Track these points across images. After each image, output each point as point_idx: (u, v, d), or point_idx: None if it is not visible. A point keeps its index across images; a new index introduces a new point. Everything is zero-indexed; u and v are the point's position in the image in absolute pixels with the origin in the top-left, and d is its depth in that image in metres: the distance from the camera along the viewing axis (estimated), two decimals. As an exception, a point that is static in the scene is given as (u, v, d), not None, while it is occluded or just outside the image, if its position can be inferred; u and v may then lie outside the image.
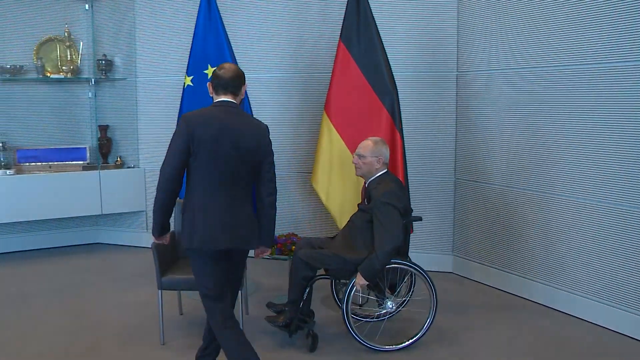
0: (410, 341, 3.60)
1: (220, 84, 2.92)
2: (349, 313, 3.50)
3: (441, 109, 4.93)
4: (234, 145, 2.79)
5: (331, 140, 4.31)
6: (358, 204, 3.76)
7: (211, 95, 2.99)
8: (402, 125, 4.16)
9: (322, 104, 4.37)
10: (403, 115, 4.22)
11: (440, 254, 5.09)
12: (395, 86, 4.16)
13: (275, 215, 3.02)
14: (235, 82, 2.92)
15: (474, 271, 4.88)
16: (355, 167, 3.66)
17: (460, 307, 4.30)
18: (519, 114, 4.39)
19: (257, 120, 3.03)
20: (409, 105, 4.81)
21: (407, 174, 4.17)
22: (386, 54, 4.18)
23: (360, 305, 3.97)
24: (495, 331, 3.89)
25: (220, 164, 2.79)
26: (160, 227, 2.90)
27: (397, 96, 4.15)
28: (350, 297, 3.49)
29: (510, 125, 4.46)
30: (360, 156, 3.61)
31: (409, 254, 3.79)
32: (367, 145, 3.62)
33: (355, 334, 3.51)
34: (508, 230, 4.56)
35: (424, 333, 3.63)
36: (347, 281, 3.54)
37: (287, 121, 5.30)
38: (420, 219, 3.78)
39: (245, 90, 4.25)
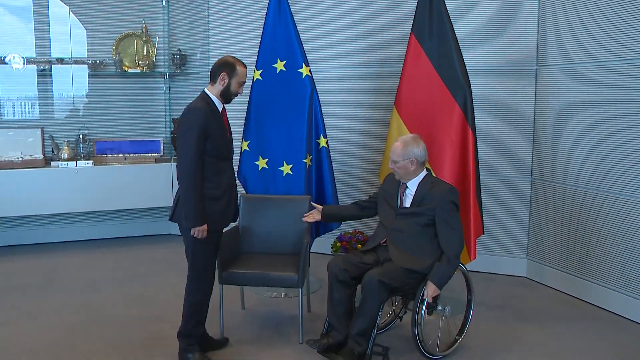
0: (455, 345, 3.50)
1: None
2: (423, 331, 3.25)
3: (518, 105, 4.69)
4: None
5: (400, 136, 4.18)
6: (398, 209, 3.39)
7: None
8: (474, 122, 3.97)
9: (393, 98, 4.25)
10: (476, 112, 4.04)
11: (513, 257, 4.85)
12: (469, 81, 3.96)
13: (182, 193, 3.10)
14: (212, 72, 3.26)
15: (549, 276, 4.62)
16: (393, 172, 3.41)
17: (530, 314, 4.09)
18: (603, 112, 4.10)
19: (193, 102, 3.19)
20: (483, 100, 4.63)
21: (479, 174, 3.98)
22: (459, 46, 4.00)
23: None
24: (566, 341, 3.67)
25: None
26: None
27: (470, 91, 3.95)
28: (422, 313, 3.23)
29: (593, 123, 4.18)
30: (393, 162, 3.34)
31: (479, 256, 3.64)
32: (396, 148, 3.32)
33: (426, 351, 3.32)
34: (585, 235, 4.29)
35: (465, 333, 3.56)
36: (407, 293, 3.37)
37: (358, 116, 5.22)
38: None
39: (315, 89, 4.24)
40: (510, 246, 4.86)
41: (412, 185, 3.36)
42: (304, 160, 4.25)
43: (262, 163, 4.41)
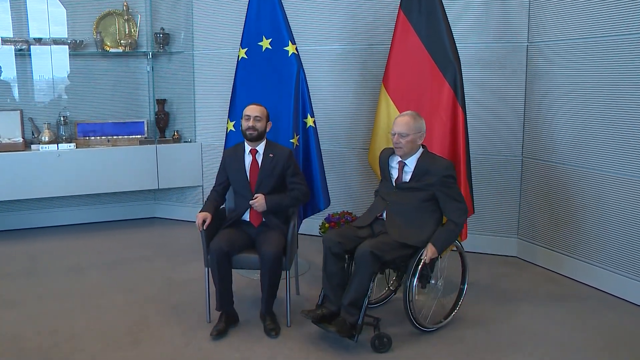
0: (449, 318, 3.54)
1: None
2: (414, 298, 3.27)
3: (509, 82, 4.61)
4: None
5: (389, 115, 4.10)
6: (399, 182, 3.40)
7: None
8: (464, 100, 3.89)
9: (382, 76, 4.15)
10: (466, 89, 3.96)
11: (503, 237, 4.81)
12: (459, 57, 3.88)
13: None
14: None
15: (540, 256, 4.59)
16: (396, 148, 3.35)
17: (520, 294, 4.06)
18: (594, 89, 4.03)
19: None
20: (473, 78, 4.54)
21: (469, 152, 3.92)
22: (449, 22, 3.91)
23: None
24: (557, 320, 3.64)
25: None
26: None
27: (460, 68, 3.88)
28: (415, 282, 3.25)
29: (585, 101, 4.11)
30: (401, 135, 3.29)
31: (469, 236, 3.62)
32: (407, 121, 3.30)
33: (417, 323, 3.36)
34: (576, 214, 4.24)
35: (457, 310, 3.61)
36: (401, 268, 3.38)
37: (346, 95, 5.11)
38: None
39: (302, 67, 4.15)
40: (500, 226, 4.81)
41: (411, 162, 3.37)
42: (291, 140, 4.16)
43: (248, 144, 4.31)
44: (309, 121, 4.26)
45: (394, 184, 3.42)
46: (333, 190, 4.69)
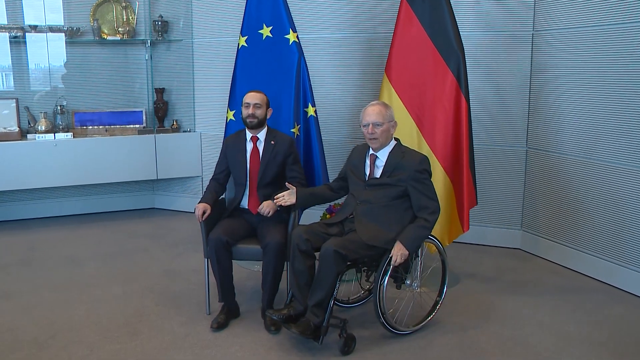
0: (426, 321, 3.39)
1: None
2: (383, 299, 3.14)
3: (514, 72, 4.55)
4: None
5: (391, 105, 4.02)
6: (367, 180, 3.28)
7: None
8: (468, 90, 3.83)
9: (384, 65, 4.08)
10: (470, 78, 3.89)
11: (507, 229, 4.76)
12: (462, 46, 3.81)
13: None
14: None
15: (544, 248, 4.54)
16: (371, 140, 3.22)
17: (523, 287, 4.01)
18: (601, 79, 3.97)
19: None
20: (478, 67, 4.48)
21: (472, 143, 3.86)
22: (453, 10, 3.83)
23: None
24: (561, 313, 3.60)
25: None
26: None
27: (464, 58, 3.81)
28: (385, 282, 3.11)
29: (591, 91, 4.05)
30: (375, 125, 3.18)
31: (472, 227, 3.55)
32: (379, 110, 3.21)
33: (388, 324, 3.21)
34: (583, 206, 4.19)
35: (437, 309, 3.46)
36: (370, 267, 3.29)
37: (347, 84, 5.05)
38: None
39: (303, 56, 4.08)
40: (504, 217, 4.77)
41: (383, 155, 3.25)
42: (292, 130, 4.10)
43: (248, 133, 4.26)
44: (310, 110, 4.20)
45: (365, 181, 3.28)
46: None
